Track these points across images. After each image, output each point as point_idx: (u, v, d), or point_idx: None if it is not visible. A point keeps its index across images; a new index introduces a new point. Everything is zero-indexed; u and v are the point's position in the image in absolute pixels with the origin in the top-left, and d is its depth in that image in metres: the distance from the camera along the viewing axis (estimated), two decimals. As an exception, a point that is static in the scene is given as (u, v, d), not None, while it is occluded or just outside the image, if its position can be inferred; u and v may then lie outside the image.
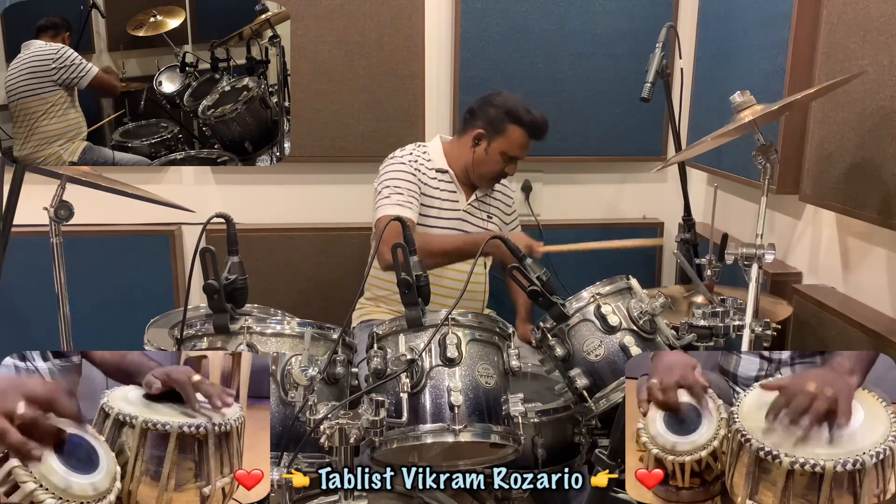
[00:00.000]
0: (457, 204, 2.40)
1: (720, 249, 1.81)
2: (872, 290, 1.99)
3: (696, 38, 2.83)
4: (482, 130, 2.32)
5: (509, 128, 2.29)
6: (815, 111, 2.05)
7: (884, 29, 1.75)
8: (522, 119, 2.29)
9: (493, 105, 2.32)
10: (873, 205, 1.81)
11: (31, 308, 2.63)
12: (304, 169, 2.84)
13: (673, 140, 2.44)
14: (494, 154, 2.32)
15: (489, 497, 1.67)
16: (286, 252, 2.82)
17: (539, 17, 2.76)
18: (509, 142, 2.30)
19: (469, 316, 1.54)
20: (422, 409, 1.46)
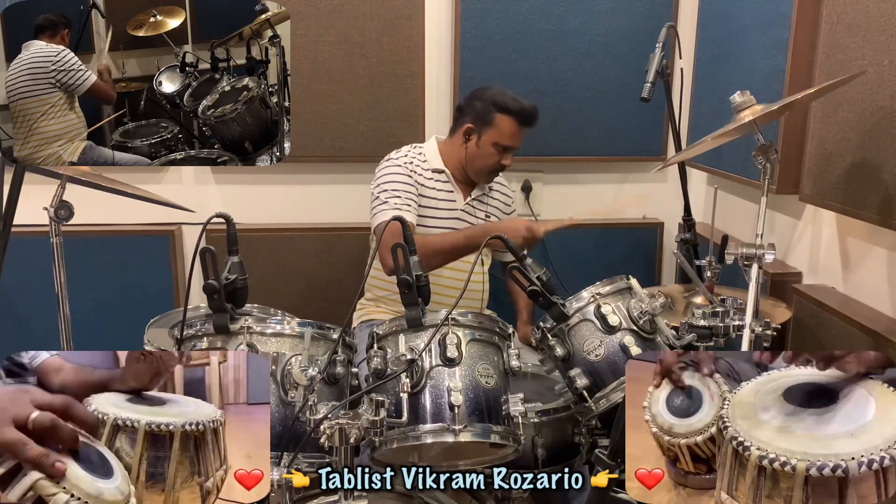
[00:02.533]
0: (454, 203, 2.40)
1: (720, 250, 1.81)
2: (872, 290, 1.99)
3: (696, 38, 2.82)
4: (471, 125, 2.33)
5: (497, 117, 2.29)
6: (815, 111, 2.05)
7: (884, 29, 1.75)
8: (509, 107, 2.28)
9: (478, 98, 2.33)
10: (873, 205, 1.81)
11: (31, 308, 2.63)
12: (304, 169, 2.84)
13: (673, 140, 2.44)
14: (487, 146, 2.32)
15: (489, 497, 1.67)
16: (286, 252, 2.82)
17: (539, 17, 2.76)
18: (499, 131, 2.30)
19: (469, 316, 1.54)
20: (422, 409, 1.46)
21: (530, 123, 2.33)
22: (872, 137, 1.81)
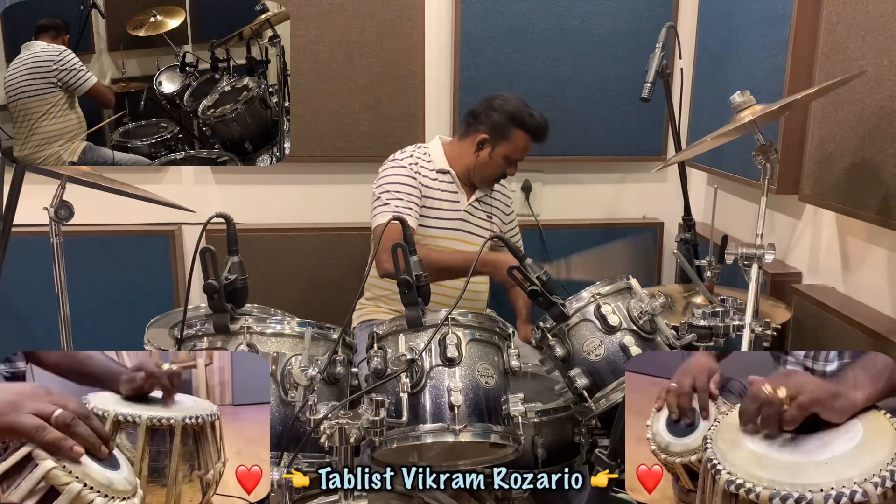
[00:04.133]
0: (458, 204, 2.40)
1: (720, 250, 1.81)
2: (872, 290, 1.99)
3: (696, 38, 2.83)
4: (486, 136, 2.32)
5: (514, 133, 2.29)
6: (815, 111, 2.05)
7: (884, 29, 1.75)
8: (527, 124, 2.29)
9: (496, 110, 2.31)
10: (873, 205, 1.81)
11: (31, 308, 2.63)
12: (304, 169, 2.84)
13: (673, 140, 2.44)
14: (498, 159, 2.33)
15: (489, 497, 1.67)
16: (286, 252, 2.82)
17: (539, 17, 2.76)
18: (514, 147, 2.31)
19: (469, 316, 1.54)
20: (422, 409, 1.46)
21: (543, 140, 2.35)
22: (872, 137, 1.81)
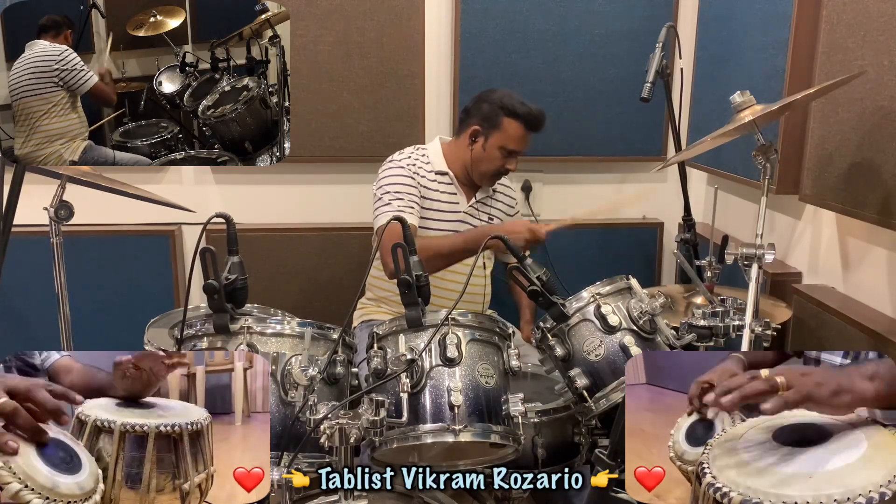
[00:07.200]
0: (457, 206, 2.39)
1: (720, 250, 1.81)
2: (872, 290, 1.99)
3: (696, 38, 2.82)
4: (478, 127, 2.31)
5: (504, 121, 2.28)
6: (815, 111, 2.05)
7: (884, 29, 1.75)
8: (517, 111, 2.27)
9: (486, 101, 2.31)
10: (873, 205, 1.81)
11: (31, 308, 2.63)
12: (304, 169, 2.84)
13: (673, 140, 2.44)
14: (492, 150, 2.31)
15: (489, 497, 1.67)
16: (286, 252, 2.82)
17: (539, 17, 2.76)
18: (506, 135, 2.29)
19: (469, 316, 1.55)
20: (422, 409, 1.47)
21: (537, 128, 2.31)
22: (872, 137, 1.81)
